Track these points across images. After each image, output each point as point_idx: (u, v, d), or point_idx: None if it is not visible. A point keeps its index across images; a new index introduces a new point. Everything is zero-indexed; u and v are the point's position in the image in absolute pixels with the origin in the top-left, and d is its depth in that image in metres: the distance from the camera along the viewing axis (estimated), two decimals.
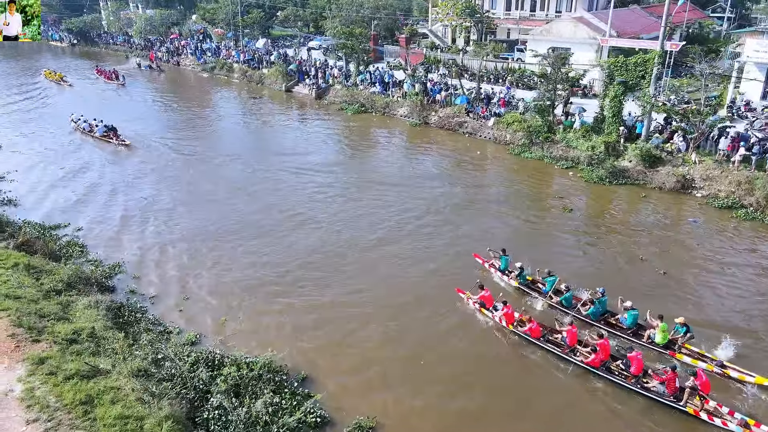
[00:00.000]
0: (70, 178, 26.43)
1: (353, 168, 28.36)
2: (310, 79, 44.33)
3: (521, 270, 16.80)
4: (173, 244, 19.83)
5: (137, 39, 66.27)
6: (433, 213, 22.27)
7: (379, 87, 39.41)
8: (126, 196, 24.12)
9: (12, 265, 16.02)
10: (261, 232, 20.76)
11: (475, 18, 48.30)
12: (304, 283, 17.26)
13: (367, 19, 55.63)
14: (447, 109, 34.78)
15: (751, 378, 12.84)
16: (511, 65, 42.34)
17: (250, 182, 25.94)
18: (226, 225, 21.31)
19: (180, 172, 27.22)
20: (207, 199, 23.93)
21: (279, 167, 27.83)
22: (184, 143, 32.18)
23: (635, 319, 14.64)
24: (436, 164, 28.89)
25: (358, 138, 34.32)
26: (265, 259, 18.78)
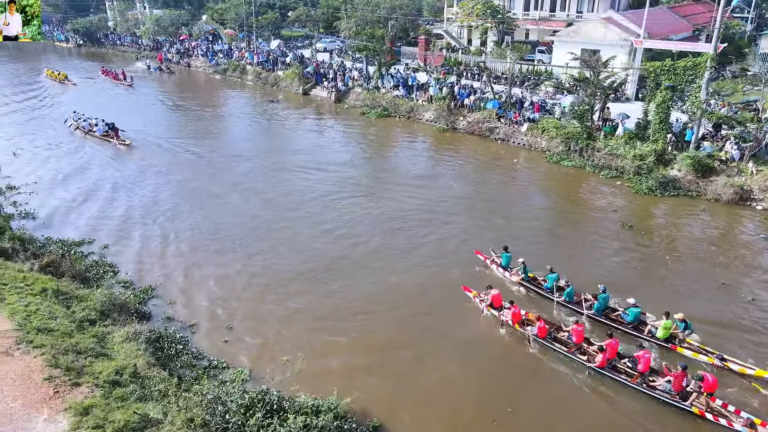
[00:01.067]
0: (84, 186, 25.13)
1: (384, 177, 26.95)
2: (328, 82, 42.99)
3: (524, 266, 16.97)
4: (204, 261, 18.50)
5: (146, 40, 64.92)
6: (478, 227, 20.92)
7: (402, 90, 38.05)
8: (147, 208, 22.73)
9: (40, 290, 14.71)
10: (296, 249, 19.41)
11: (497, 19, 46.89)
12: (357, 312, 15.94)
13: (383, 19, 54.32)
14: (476, 114, 33.44)
15: (751, 371, 13.04)
16: (537, 67, 41.01)
17: (276, 191, 24.61)
18: (257, 240, 20.00)
19: (199, 180, 25.87)
20: (231, 210, 22.58)
21: (305, 176, 26.48)
22: (202, 148, 30.81)
23: (637, 315, 14.90)
24: (469, 173, 27.57)
25: (383, 144, 33.01)
26: (306, 283, 17.42)
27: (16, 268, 15.96)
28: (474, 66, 44.33)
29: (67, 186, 25.27)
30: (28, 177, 26.15)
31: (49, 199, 23.52)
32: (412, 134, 34.29)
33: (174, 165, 28.22)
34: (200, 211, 22.43)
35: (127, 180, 25.90)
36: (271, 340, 14.66)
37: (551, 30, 52.64)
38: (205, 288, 17.04)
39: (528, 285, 16.87)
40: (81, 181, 25.82)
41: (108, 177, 26.32)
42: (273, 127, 36.42)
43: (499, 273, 17.68)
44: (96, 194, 24.29)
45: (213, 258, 18.83)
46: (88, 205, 23.17)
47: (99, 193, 24.46)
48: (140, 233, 20.59)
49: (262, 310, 15.90)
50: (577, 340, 13.94)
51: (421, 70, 41.64)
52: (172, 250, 19.40)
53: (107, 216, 22.13)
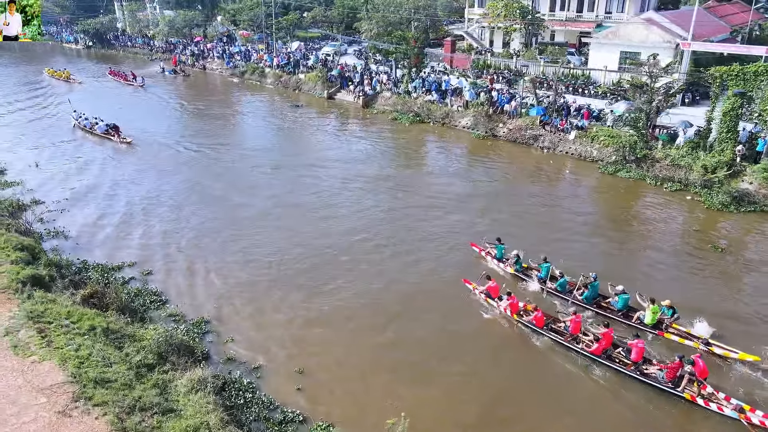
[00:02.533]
0: (108, 198, 23.76)
1: (422, 188, 25.28)
2: (354, 86, 41.37)
3: (517, 258, 17.46)
4: (258, 290, 16.92)
5: (158, 41, 63.32)
6: (536, 245, 19.25)
7: (435, 95, 36.44)
8: (185, 226, 21.16)
9: (88, 328, 13.12)
10: (350, 268, 17.91)
11: (527, 20, 45.26)
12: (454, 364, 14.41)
13: (406, 20, 52.70)
14: (518, 121, 31.83)
15: (734, 354, 13.52)
16: (572, 71, 39.37)
17: (311, 203, 23.06)
18: (318, 268, 18.33)
19: (237, 195, 24.24)
20: (280, 230, 20.96)
21: (340, 186, 24.98)
22: (232, 155, 29.25)
23: (626, 302, 15.33)
24: (516, 184, 25.95)
25: (419, 152, 31.45)
26: (375, 316, 15.86)
27: (59, 301, 14.37)
28: (504, 69, 42.69)
29: (91, 198, 23.83)
30: (51, 189, 24.78)
31: (75, 214, 22.01)
32: (449, 142, 32.67)
33: (204, 176, 26.62)
34: (246, 231, 20.80)
35: (158, 195, 24.28)
36: (354, 390, 13.01)
37: (578, 31, 51.32)
38: (264, 322, 15.44)
39: (521, 275, 17.36)
40: (104, 194, 24.35)
41: (135, 190, 24.71)
42: (301, 134, 34.79)
43: (493, 264, 18.14)
44: (123, 209, 22.72)
45: (268, 286, 17.21)
46: (117, 220, 21.61)
47: (127, 207, 22.86)
48: (183, 255, 18.99)
49: (336, 353, 14.27)
50: (573, 330, 14.25)
51: (458, 75, 39.95)
52: (221, 275, 17.78)
53: (142, 234, 20.54)
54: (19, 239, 17.59)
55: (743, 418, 11.70)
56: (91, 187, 25.11)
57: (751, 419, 11.66)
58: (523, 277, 17.31)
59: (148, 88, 48.13)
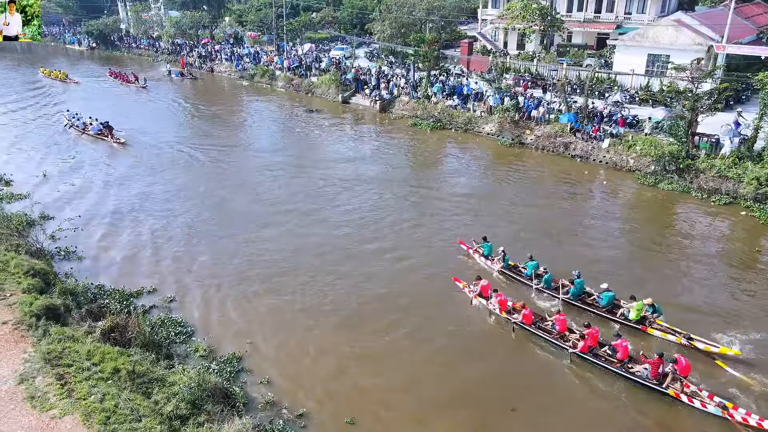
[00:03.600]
0: (119, 211, 22.42)
1: (451, 197, 23.94)
2: (370, 90, 39.96)
3: (504, 255, 17.68)
4: (286, 314, 15.61)
5: (164, 43, 61.92)
6: (578, 264, 17.91)
7: (457, 99, 35.04)
8: (197, 240, 19.86)
9: (111, 371, 11.73)
10: (387, 297, 16.52)
11: (547, 21, 43.84)
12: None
13: (419, 22, 51.35)
14: (546, 128, 30.43)
15: (715, 348, 13.79)
16: (597, 74, 37.97)
17: (335, 219, 21.66)
18: (336, 283, 17.07)
19: (245, 203, 22.92)
20: (290, 242, 19.59)
21: (366, 199, 23.61)
22: (243, 164, 27.91)
23: (610, 299, 15.58)
24: (550, 195, 24.55)
25: (443, 161, 30.06)
26: (427, 353, 14.50)
27: (77, 336, 13.00)
28: (525, 72, 41.30)
29: (101, 213, 22.54)
30: (58, 200, 23.63)
31: (87, 230, 20.60)
32: (474, 150, 31.26)
33: (219, 186, 25.25)
34: (268, 251, 19.41)
35: (171, 209, 22.92)
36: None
37: (596, 32, 49.95)
38: (299, 357, 14.08)
39: (508, 272, 17.60)
40: (115, 208, 23.00)
41: (147, 205, 23.35)
42: (319, 142, 33.33)
43: (481, 262, 18.36)
44: (135, 224, 21.35)
45: (297, 314, 15.84)
46: (130, 237, 20.25)
47: (139, 223, 21.49)
48: (203, 278, 17.60)
49: (386, 396, 12.86)
50: (560, 328, 14.47)
51: (475, 78, 38.53)
52: (247, 301, 16.41)
53: (158, 253, 19.18)
54: (30, 263, 16.21)
55: (726, 414, 11.85)
56: (100, 200, 23.80)
57: (734, 416, 11.79)
58: (510, 274, 17.61)
59: (153, 90, 46.96)
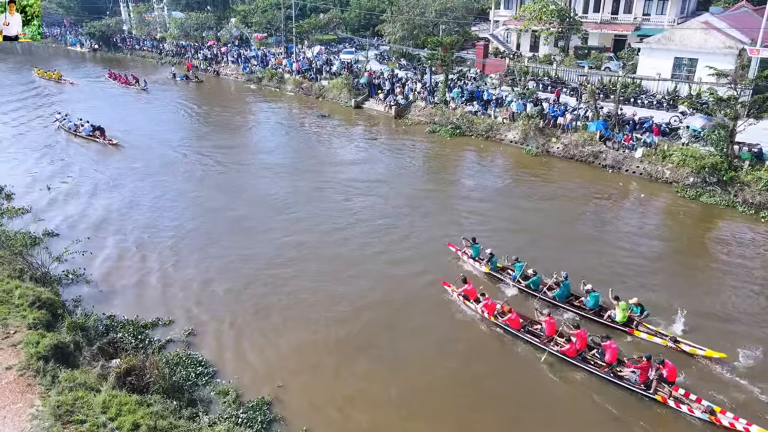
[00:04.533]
0: (124, 227, 20.94)
1: (478, 208, 22.55)
2: (384, 95, 38.55)
3: (491, 257, 17.61)
4: (319, 350, 14.21)
5: (168, 45, 60.48)
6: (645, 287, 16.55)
7: (477, 105, 33.62)
8: (213, 260, 18.44)
9: (130, 428, 10.32)
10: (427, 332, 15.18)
11: (567, 23, 42.41)
12: None
13: (432, 23, 49.91)
14: (574, 136, 29.02)
15: (701, 351, 13.78)
16: (620, 78, 36.53)
17: (358, 237, 20.20)
18: (368, 311, 15.68)
19: (261, 218, 21.50)
20: (311, 266, 18.18)
21: (389, 214, 22.17)
22: (257, 174, 26.48)
23: (597, 300, 15.55)
24: (584, 209, 23.17)
25: (466, 171, 28.55)
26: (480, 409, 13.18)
27: (89, 382, 11.58)
28: (544, 76, 39.89)
29: (107, 228, 21.24)
30: (60, 214, 22.41)
31: (93, 249, 18.93)
32: (498, 158, 29.87)
33: (234, 201, 23.81)
34: (290, 275, 18.01)
35: (179, 221, 21.63)
36: None
37: (613, 34, 48.58)
38: (339, 402, 12.66)
39: (496, 274, 17.53)
40: (121, 222, 21.65)
41: (156, 218, 21.99)
42: (335, 150, 31.84)
43: (469, 264, 18.27)
44: (145, 241, 19.97)
45: (330, 349, 14.45)
46: (140, 257, 18.81)
47: (148, 239, 20.11)
48: (222, 306, 16.20)
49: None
50: (549, 332, 14.33)
51: (490, 82, 37.16)
52: (273, 333, 15.01)
53: (172, 275, 17.79)
54: (36, 291, 14.79)
55: (713, 419, 11.76)
56: (105, 215, 22.36)
57: (721, 420, 11.72)
58: (497, 276, 17.52)
59: (157, 93, 45.69)
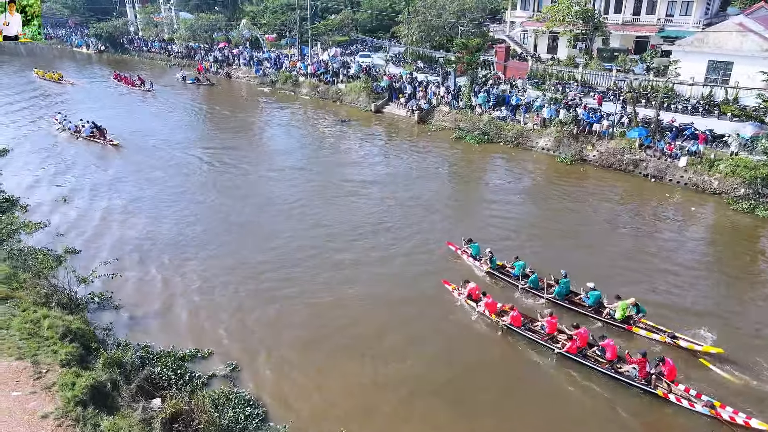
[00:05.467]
0: (148, 241, 19.82)
1: (515, 226, 21.38)
2: (406, 99, 37.35)
3: (491, 256, 17.77)
4: (378, 390, 13.02)
5: (177, 46, 59.24)
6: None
7: (506, 111, 32.42)
8: (248, 278, 17.26)
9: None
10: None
11: (590, 24, 41.19)
12: None
13: (450, 25, 48.73)
14: (611, 143, 27.84)
15: (698, 347, 13.91)
16: (651, 82, 35.34)
17: (399, 258, 19.02)
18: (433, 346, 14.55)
19: (296, 234, 20.30)
20: (358, 290, 17.03)
21: (425, 229, 20.97)
22: (282, 184, 25.29)
23: (596, 298, 15.65)
24: (627, 220, 21.99)
25: (497, 178, 27.37)
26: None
27: (132, 431, 10.41)
28: (570, 79, 38.70)
29: (130, 242, 20.01)
30: (77, 226, 21.31)
31: (117, 267, 17.72)
32: (530, 166, 28.64)
33: (260, 212, 22.64)
34: (343, 299, 16.83)
35: (202, 233, 20.39)
36: None
37: (635, 35, 47.44)
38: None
39: (496, 273, 17.68)
40: (144, 235, 20.49)
41: (181, 229, 20.82)
42: (358, 155, 30.58)
43: (469, 262, 18.42)
44: (172, 256, 18.79)
45: (404, 390, 13.27)
46: (172, 276, 17.61)
47: (175, 254, 18.94)
48: (267, 335, 15.02)
49: None
50: (550, 330, 14.52)
51: (536, 88, 35.81)
52: (330, 370, 13.81)
53: (207, 295, 16.60)
54: (65, 321, 13.62)
55: (713, 413, 11.86)
56: (125, 229, 21.16)
57: (722, 415, 11.82)
58: (497, 275, 17.64)
59: (167, 95, 44.64)
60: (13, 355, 11.97)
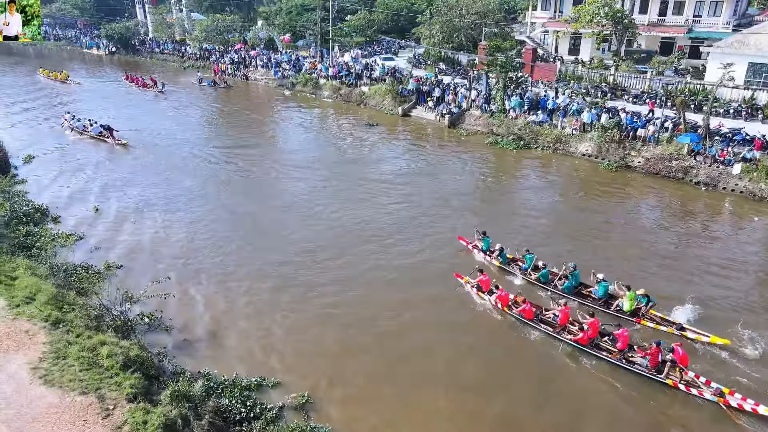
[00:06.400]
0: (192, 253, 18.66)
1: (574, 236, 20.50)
2: (434, 102, 36.42)
3: (501, 250, 18.04)
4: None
5: (192, 48, 58.32)
6: None
7: (542, 115, 31.48)
8: (310, 299, 16.32)
9: None
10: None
11: (623, 24, 40.21)
12: None
13: (473, 25, 47.83)
14: (657, 149, 26.90)
15: (706, 338, 14.10)
16: (687, 85, 34.39)
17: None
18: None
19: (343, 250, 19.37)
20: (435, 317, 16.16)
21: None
22: (323, 194, 24.37)
23: (606, 289, 15.81)
24: (682, 230, 21.06)
25: (541, 187, 26.41)
26: None
27: None
28: (601, 82, 37.75)
29: (166, 254, 19.04)
30: (110, 237, 20.45)
31: (166, 285, 16.48)
32: (573, 173, 27.70)
33: (305, 227, 21.67)
34: (411, 322, 15.90)
35: (258, 251, 19.39)
36: None
37: (660, 36, 46.56)
38: None
39: (506, 267, 17.89)
40: (188, 249, 19.40)
41: (217, 240, 19.83)
42: (392, 161, 29.66)
43: (480, 257, 18.61)
44: (226, 271, 17.82)
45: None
46: (222, 292, 16.67)
47: (230, 269, 17.97)
48: (338, 361, 14.07)
49: None
50: (562, 321, 14.63)
51: (575, 92, 34.80)
52: (418, 401, 12.88)
53: (267, 320, 15.64)
54: (122, 348, 12.65)
55: (722, 401, 12.15)
56: (162, 240, 20.23)
57: (729, 402, 12.10)
58: (508, 269, 17.85)
59: (187, 98, 44.00)
60: (76, 389, 11.03)
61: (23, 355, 12.00)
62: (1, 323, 13.03)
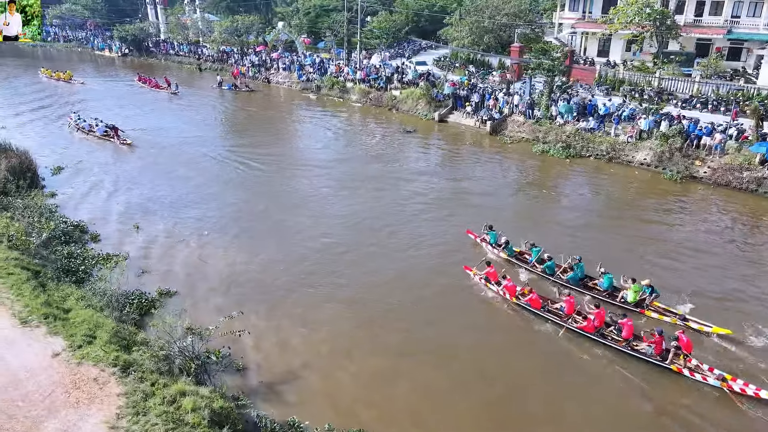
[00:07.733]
0: (245, 278, 17.10)
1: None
2: (473, 108, 34.90)
3: (507, 243, 18.40)
4: None
5: (210, 50, 56.76)
6: None
7: (593, 122, 29.97)
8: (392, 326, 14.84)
9: None
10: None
11: (666, 25, 38.67)
12: None
13: (504, 26, 46.34)
14: (725, 159, 25.42)
15: (708, 328, 14.61)
16: (736, 88, 32.88)
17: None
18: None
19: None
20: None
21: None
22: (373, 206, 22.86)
23: (611, 281, 16.23)
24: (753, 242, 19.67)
25: (608, 196, 24.93)
26: None
27: None
28: (646, 85, 36.27)
29: (219, 281, 17.32)
30: (154, 258, 18.95)
31: (227, 312, 15.18)
32: (634, 184, 26.18)
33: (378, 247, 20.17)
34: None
35: (317, 273, 17.85)
36: None
37: (695, 37, 45.07)
38: None
39: (513, 260, 18.28)
40: (236, 275, 17.83)
41: (271, 261, 18.27)
42: (440, 169, 28.09)
43: (488, 250, 18.98)
44: (288, 299, 16.27)
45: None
46: (286, 324, 15.13)
47: (291, 297, 16.42)
48: (427, 407, 12.58)
49: None
50: (568, 311, 14.95)
51: (631, 98, 33.29)
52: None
53: (331, 360, 14.13)
54: (206, 400, 11.09)
55: (725, 386, 12.50)
56: (214, 263, 18.60)
57: (732, 387, 12.45)
58: (515, 261, 18.25)
59: (210, 102, 42.58)
60: None
61: (97, 410, 10.47)
62: (65, 370, 11.50)
